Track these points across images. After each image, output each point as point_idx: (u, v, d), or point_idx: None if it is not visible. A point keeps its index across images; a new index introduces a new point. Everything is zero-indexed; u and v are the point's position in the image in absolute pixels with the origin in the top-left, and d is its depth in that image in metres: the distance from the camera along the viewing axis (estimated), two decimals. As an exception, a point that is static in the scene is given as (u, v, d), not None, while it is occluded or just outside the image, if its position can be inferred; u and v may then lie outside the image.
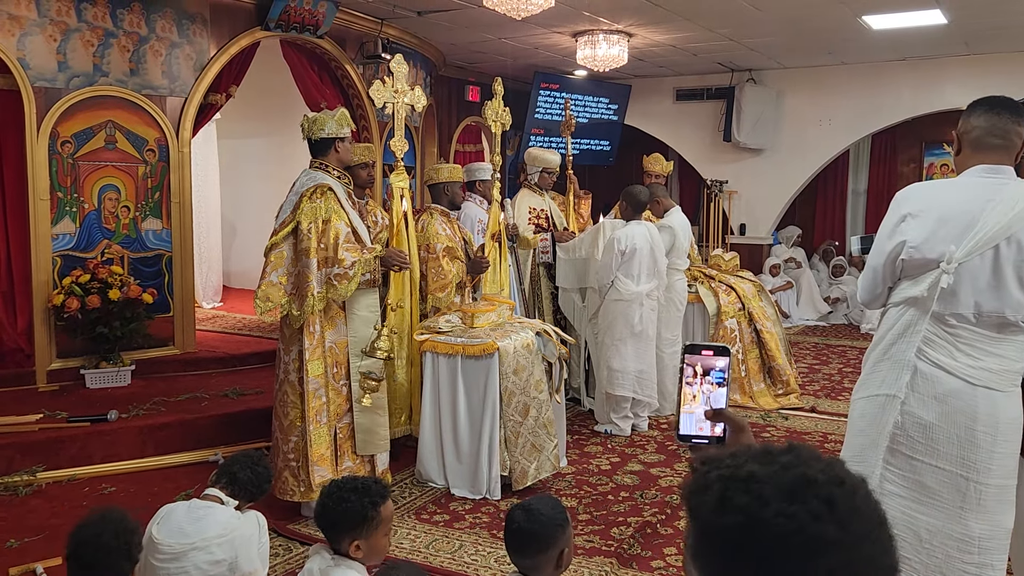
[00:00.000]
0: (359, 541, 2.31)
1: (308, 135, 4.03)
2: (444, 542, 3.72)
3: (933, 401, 2.38)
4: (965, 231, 2.33)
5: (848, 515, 0.84)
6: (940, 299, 2.36)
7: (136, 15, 5.48)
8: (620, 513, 4.07)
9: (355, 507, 2.31)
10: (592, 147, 10.25)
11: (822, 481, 0.85)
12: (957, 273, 2.33)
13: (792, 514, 0.82)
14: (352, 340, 3.95)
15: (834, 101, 9.44)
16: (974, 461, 2.34)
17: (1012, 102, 2.44)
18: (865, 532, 0.84)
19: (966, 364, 2.36)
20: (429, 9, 6.65)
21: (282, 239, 3.86)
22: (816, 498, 0.83)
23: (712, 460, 0.93)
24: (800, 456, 0.88)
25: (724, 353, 1.25)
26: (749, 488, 0.85)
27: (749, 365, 6.19)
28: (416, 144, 7.90)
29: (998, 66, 8.44)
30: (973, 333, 2.36)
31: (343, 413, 3.94)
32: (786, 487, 0.84)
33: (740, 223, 10.21)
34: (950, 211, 2.38)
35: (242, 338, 6.70)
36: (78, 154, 5.33)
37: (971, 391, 2.34)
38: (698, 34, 7.68)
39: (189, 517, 2.69)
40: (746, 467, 0.88)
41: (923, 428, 2.39)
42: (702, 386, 1.24)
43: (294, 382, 3.90)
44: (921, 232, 2.39)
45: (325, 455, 3.87)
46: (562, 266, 5.86)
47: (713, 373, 1.24)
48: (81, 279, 5.12)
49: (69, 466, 4.37)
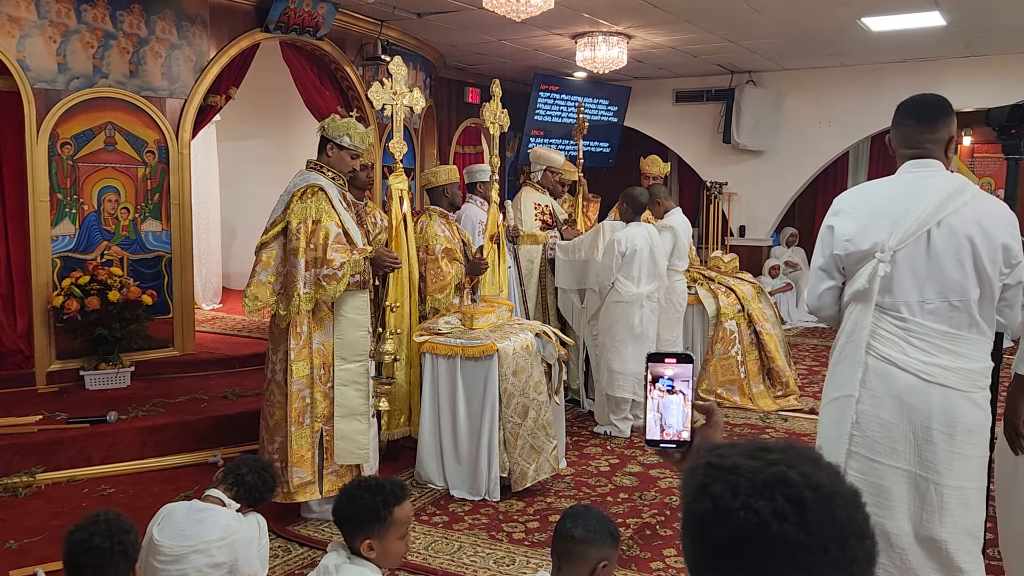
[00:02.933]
0: (371, 541, 2.29)
1: (319, 131, 4.08)
2: (443, 543, 3.72)
3: (887, 398, 2.35)
4: (897, 220, 2.36)
5: (817, 520, 0.84)
6: (883, 290, 2.36)
7: (136, 16, 5.48)
8: (619, 514, 4.07)
9: (368, 505, 2.29)
10: (592, 149, 10.26)
11: (797, 483, 0.85)
12: (895, 262, 2.34)
13: (756, 509, 0.84)
14: (338, 342, 3.89)
15: (834, 103, 9.44)
16: (932, 461, 2.31)
17: (927, 106, 2.49)
18: (836, 540, 0.84)
19: (918, 360, 2.33)
20: (429, 11, 6.65)
21: (272, 238, 3.84)
22: (785, 498, 0.84)
23: (712, 449, 0.95)
24: (789, 455, 0.89)
25: (686, 361, 1.28)
26: (727, 478, 0.88)
27: (749, 367, 6.19)
28: (415, 146, 7.91)
29: (997, 67, 8.45)
30: (924, 328, 2.34)
31: (329, 416, 3.87)
32: (759, 483, 0.86)
33: (740, 225, 10.22)
34: (881, 204, 2.43)
35: (241, 339, 6.70)
36: (78, 156, 5.33)
37: (925, 388, 2.31)
38: (697, 36, 7.68)
39: (189, 519, 2.69)
40: (733, 458, 0.90)
41: (880, 426, 2.36)
42: (652, 392, 1.28)
43: (280, 382, 3.86)
44: (853, 225, 2.43)
45: (305, 457, 3.82)
46: (561, 267, 5.86)
47: (662, 381, 1.28)
48: (80, 281, 5.12)
49: (68, 467, 4.37)
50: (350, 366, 3.90)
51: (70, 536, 2.27)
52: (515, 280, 5.82)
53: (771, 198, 10.00)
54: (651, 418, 1.29)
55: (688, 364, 1.28)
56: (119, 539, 2.25)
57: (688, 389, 1.28)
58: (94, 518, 2.29)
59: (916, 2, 6.37)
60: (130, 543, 2.29)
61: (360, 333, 3.92)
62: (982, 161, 10.21)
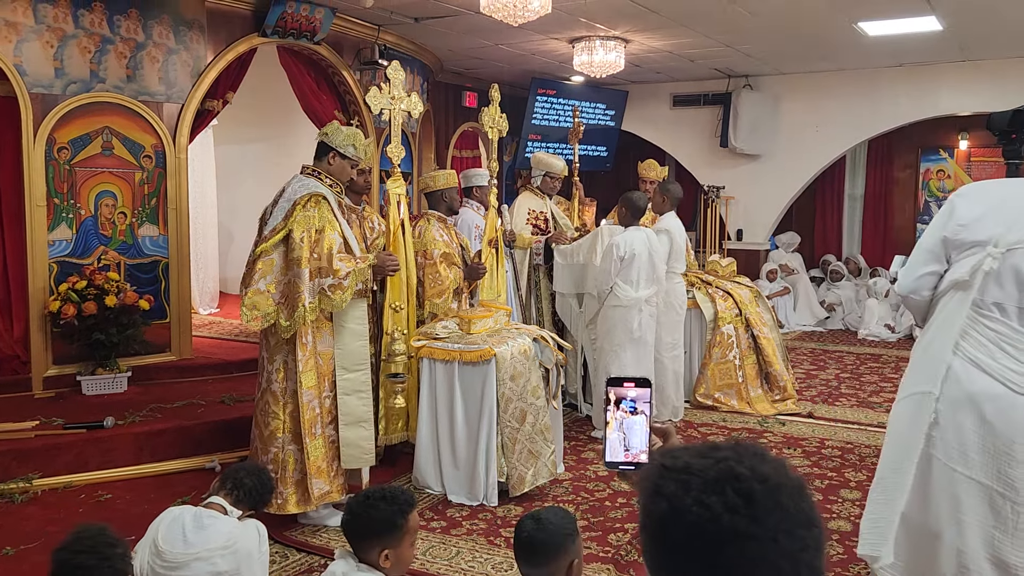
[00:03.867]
0: (388, 550, 2.28)
1: (321, 137, 4.02)
2: (441, 548, 3.71)
3: (968, 404, 2.18)
4: (1020, 217, 2.20)
5: (766, 511, 0.88)
6: (983, 286, 2.21)
7: (133, 21, 5.48)
8: (617, 519, 4.06)
9: (385, 515, 2.29)
10: (589, 153, 10.26)
11: (745, 477, 0.90)
12: (1004, 260, 2.18)
13: (708, 504, 0.88)
14: (339, 353, 3.87)
15: (831, 106, 9.46)
16: (1012, 478, 2.12)
17: None
18: (785, 529, 0.89)
19: (1006, 366, 2.17)
20: (426, 16, 6.66)
21: (272, 247, 3.78)
22: (735, 492, 0.89)
23: (665, 452, 1.00)
24: (737, 452, 0.94)
25: (644, 385, 1.33)
26: (679, 477, 0.92)
27: (746, 371, 6.19)
28: (413, 150, 7.91)
29: (993, 72, 8.48)
30: (1017, 333, 2.19)
31: (324, 425, 3.86)
32: (710, 479, 0.91)
33: (737, 229, 10.22)
34: (1007, 199, 2.28)
35: (239, 344, 6.69)
36: (75, 160, 5.32)
37: (1011, 399, 2.14)
38: (694, 40, 7.70)
39: (194, 525, 2.67)
40: (684, 459, 0.94)
41: (956, 431, 2.20)
42: (615, 413, 1.32)
43: (276, 392, 3.83)
44: (971, 212, 2.29)
45: (323, 468, 3.81)
46: (559, 271, 5.86)
47: (625, 402, 1.32)
48: (77, 285, 5.11)
49: (65, 473, 4.36)
50: (351, 375, 3.90)
51: (55, 555, 2.21)
52: (512, 285, 5.81)
53: (768, 202, 10.01)
54: (614, 438, 1.32)
55: (647, 388, 1.33)
56: (106, 554, 2.20)
57: (648, 411, 1.32)
58: (77, 535, 2.23)
59: (912, 7, 6.39)
60: (118, 557, 2.23)
61: (360, 343, 3.92)
62: (979, 165, 10.23)
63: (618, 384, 1.33)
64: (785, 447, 5.26)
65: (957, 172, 10.39)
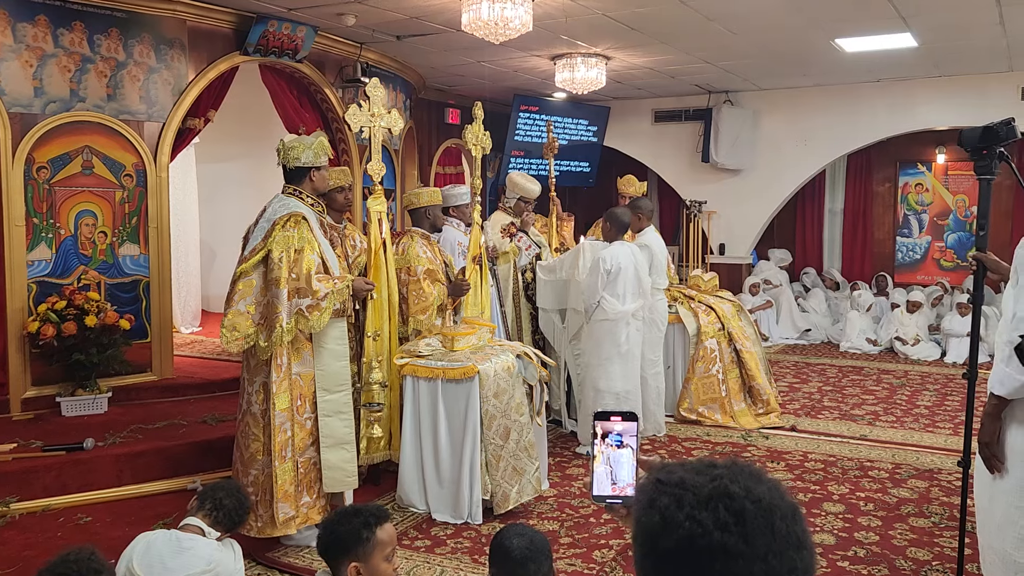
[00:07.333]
0: (357, 564, 2.27)
1: (283, 162, 3.95)
2: (425, 568, 3.69)
3: None
4: None
5: (756, 531, 0.90)
6: None
7: (114, 40, 5.47)
8: (602, 536, 4.06)
9: (349, 529, 2.29)
10: (572, 168, 10.32)
11: (738, 496, 0.91)
12: None
13: (700, 520, 0.90)
14: (320, 374, 3.85)
15: (810, 122, 9.58)
16: None
17: None
18: (776, 551, 0.90)
19: None
20: (408, 33, 6.69)
21: (252, 267, 3.77)
22: (727, 510, 0.90)
23: (662, 467, 1.01)
24: (733, 471, 0.95)
25: (631, 419, 1.34)
26: (673, 492, 0.94)
27: (729, 385, 6.21)
28: (396, 167, 7.92)
29: (967, 87, 8.62)
30: None
31: (305, 447, 3.82)
32: (704, 496, 0.92)
33: (719, 243, 10.29)
34: None
35: (220, 363, 6.64)
36: (54, 180, 5.29)
37: None
38: (675, 57, 7.77)
39: (171, 549, 2.64)
40: (679, 474, 0.96)
41: None
42: (601, 447, 1.33)
43: (256, 414, 3.80)
44: None
45: (290, 492, 3.75)
46: (542, 287, 5.87)
47: (611, 436, 1.34)
48: (57, 306, 5.07)
49: (44, 496, 4.30)
50: (332, 396, 3.87)
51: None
52: (496, 301, 5.81)
53: (750, 216, 10.09)
54: (601, 471, 1.33)
55: (633, 422, 1.34)
56: None
57: (635, 444, 1.34)
58: (63, 559, 2.23)
59: (888, 24, 6.49)
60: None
61: (341, 363, 3.90)
62: (955, 179, 10.37)
63: (605, 418, 1.34)
64: (768, 460, 5.27)
65: (935, 185, 10.52)
